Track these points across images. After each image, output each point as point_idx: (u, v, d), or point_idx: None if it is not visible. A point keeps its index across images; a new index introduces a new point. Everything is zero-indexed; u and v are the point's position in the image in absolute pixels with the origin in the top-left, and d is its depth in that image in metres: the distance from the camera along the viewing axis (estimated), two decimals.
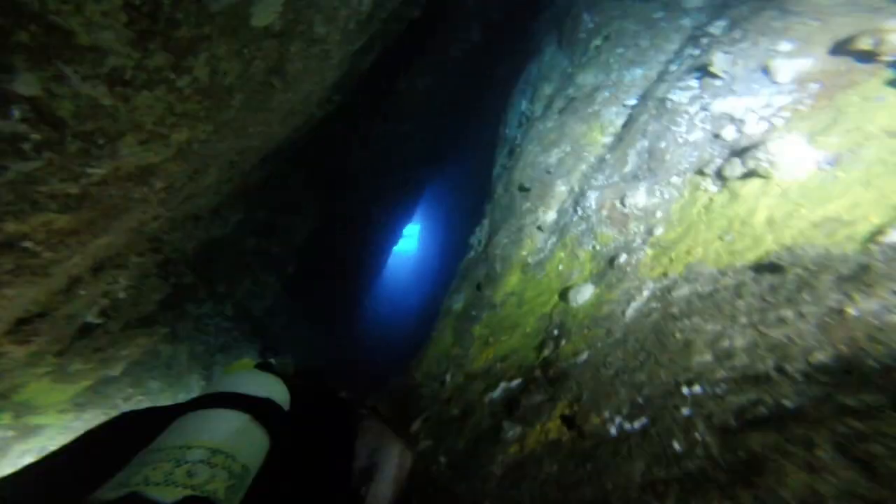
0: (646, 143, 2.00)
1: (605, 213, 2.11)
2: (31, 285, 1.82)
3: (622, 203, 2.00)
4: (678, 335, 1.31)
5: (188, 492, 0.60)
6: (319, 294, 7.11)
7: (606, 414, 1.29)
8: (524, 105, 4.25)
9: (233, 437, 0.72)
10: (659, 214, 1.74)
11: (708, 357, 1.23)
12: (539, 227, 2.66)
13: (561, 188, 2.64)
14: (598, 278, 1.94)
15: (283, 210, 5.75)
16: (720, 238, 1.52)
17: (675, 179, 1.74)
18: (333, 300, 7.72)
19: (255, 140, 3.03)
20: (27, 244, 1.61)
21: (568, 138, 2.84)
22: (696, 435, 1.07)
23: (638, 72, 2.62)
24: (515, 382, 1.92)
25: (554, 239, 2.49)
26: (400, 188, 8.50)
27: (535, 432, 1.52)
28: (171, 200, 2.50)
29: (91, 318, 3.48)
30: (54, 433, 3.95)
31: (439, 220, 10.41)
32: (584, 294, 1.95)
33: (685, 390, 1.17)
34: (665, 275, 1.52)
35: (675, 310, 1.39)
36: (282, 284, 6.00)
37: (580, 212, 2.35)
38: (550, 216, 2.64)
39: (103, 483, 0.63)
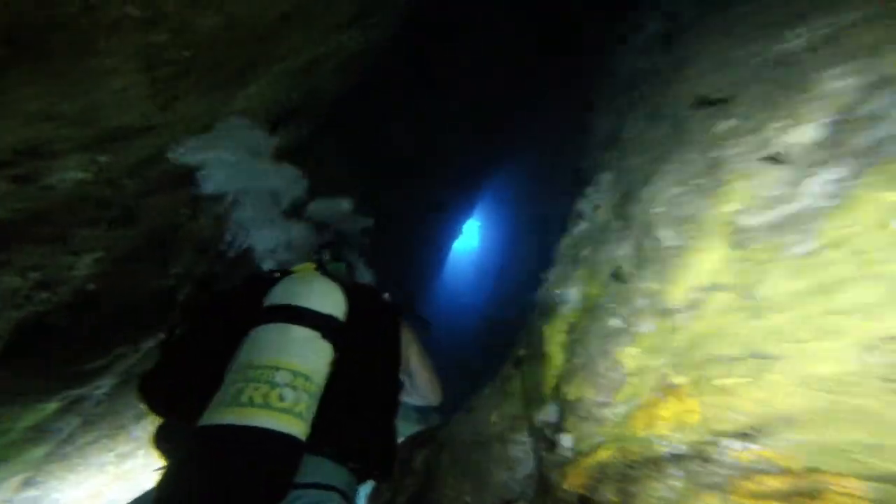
0: None
1: None
2: None
3: None
4: None
5: (282, 416, 0.73)
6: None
7: None
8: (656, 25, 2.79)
9: (309, 358, 0.82)
10: None
11: None
12: (773, 158, 1.28)
13: (835, 84, 1.22)
14: None
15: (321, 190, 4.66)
16: None
17: None
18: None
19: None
20: None
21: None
22: None
23: None
24: None
25: (832, 175, 1.10)
26: (458, 175, 7.22)
27: None
28: None
29: None
30: None
31: (505, 213, 9.08)
32: None
33: None
34: None
35: None
36: None
37: None
38: (804, 134, 1.24)
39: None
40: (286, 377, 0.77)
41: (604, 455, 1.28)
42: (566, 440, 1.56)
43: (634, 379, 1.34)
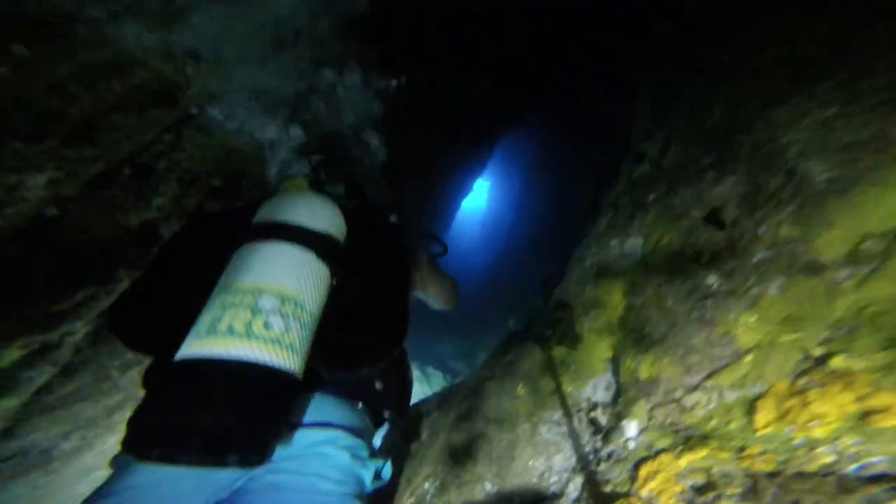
0: None
1: None
2: None
3: None
4: None
5: (268, 346, 0.60)
6: None
7: None
8: None
9: (300, 281, 0.68)
10: None
11: None
12: None
13: None
14: None
15: None
16: None
17: None
18: None
19: None
20: None
21: None
22: None
23: None
24: None
25: None
26: (472, 127, 6.56)
27: None
28: None
29: None
30: None
31: (519, 170, 8.55)
32: None
33: None
34: None
35: None
36: None
37: None
38: None
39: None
40: (272, 303, 0.65)
41: (701, 455, 0.92)
42: (630, 428, 1.20)
43: (754, 357, 0.96)
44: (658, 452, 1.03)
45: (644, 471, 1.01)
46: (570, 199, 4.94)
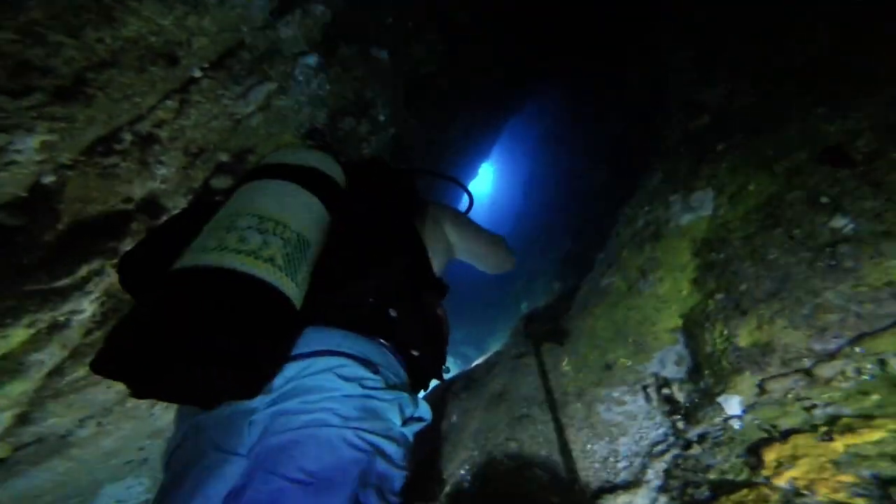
0: None
1: None
2: None
3: None
4: None
5: (242, 257, 0.56)
6: None
7: None
8: None
9: (280, 203, 0.66)
10: None
11: None
12: None
13: None
14: None
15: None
16: None
17: None
18: None
19: None
20: None
21: None
22: None
23: None
24: None
25: None
26: (483, 105, 6.20)
27: None
28: None
29: None
30: None
31: (525, 157, 8.24)
32: None
33: None
34: None
35: None
36: None
37: None
38: None
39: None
40: (249, 221, 0.61)
41: (876, 437, 0.68)
42: (731, 405, 0.96)
43: None
44: (788, 433, 0.78)
45: (772, 455, 0.77)
46: (581, 177, 4.65)
